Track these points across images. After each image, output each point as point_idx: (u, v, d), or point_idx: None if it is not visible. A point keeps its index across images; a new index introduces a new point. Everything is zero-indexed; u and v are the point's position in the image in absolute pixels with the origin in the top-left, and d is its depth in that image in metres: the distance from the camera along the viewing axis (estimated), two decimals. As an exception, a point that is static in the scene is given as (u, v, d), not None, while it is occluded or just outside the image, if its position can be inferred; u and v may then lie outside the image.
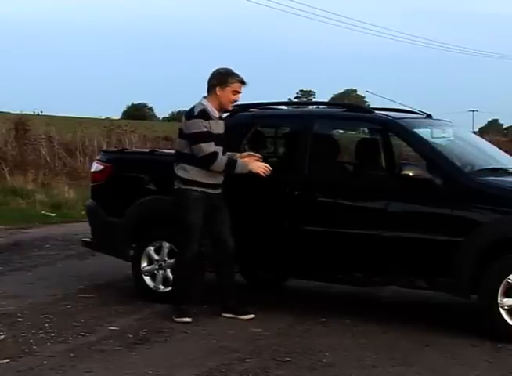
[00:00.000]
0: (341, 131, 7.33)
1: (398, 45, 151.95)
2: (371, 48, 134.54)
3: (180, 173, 6.66)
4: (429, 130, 6.99)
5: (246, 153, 6.83)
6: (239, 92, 6.71)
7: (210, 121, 6.61)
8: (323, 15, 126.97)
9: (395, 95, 7.88)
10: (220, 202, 6.73)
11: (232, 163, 6.60)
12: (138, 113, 62.75)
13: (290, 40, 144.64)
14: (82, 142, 20.54)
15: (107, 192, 7.79)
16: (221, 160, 6.57)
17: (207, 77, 6.74)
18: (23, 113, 22.90)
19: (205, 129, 6.56)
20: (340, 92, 70.96)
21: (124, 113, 63.36)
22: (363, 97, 50.00)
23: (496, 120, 76.35)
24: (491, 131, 53.98)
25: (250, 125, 7.40)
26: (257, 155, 6.77)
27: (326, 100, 13.28)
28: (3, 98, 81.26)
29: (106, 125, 22.99)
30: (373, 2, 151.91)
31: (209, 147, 6.54)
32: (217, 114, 6.70)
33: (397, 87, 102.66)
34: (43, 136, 20.04)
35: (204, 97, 6.71)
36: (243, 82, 6.71)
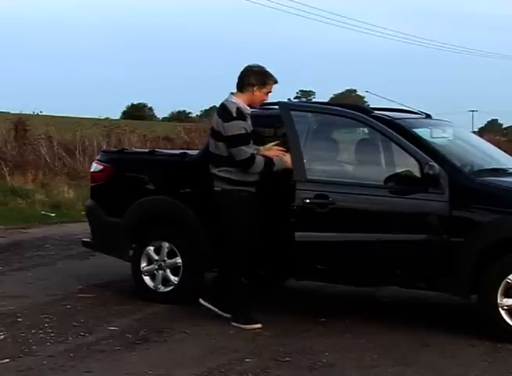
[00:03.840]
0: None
1: (398, 45, 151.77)
2: (371, 48, 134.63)
3: (223, 174, 6.52)
4: (428, 130, 6.99)
5: (269, 145, 6.68)
6: (270, 92, 6.70)
7: (247, 120, 6.54)
8: (323, 14, 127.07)
9: (395, 95, 7.87)
10: (257, 200, 6.62)
11: (269, 163, 6.50)
12: (137, 113, 62.70)
13: (289, 40, 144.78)
14: (82, 142, 20.53)
15: (107, 192, 7.78)
16: (260, 161, 6.47)
17: (240, 74, 6.62)
18: (23, 113, 22.85)
19: (244, 131, 6.46)
20: (340, 92, 70.90)
21: (124, 113, 63.30)
22: (363, 97, 49.96)
23: (496, 120, 76.36)
24: (490, 131, 53.93)
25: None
26: (281, 148, 6.63)
27: (326, 100, 13.20)
28: (3, 98, 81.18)
29: (105, 125, 22.95)
30: (373, 2, 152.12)
31: (248, 150, 6.44)
32: (249, 111, 6.63)
33: (397, 87, 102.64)
34: (43, 136, 20.01)
35: (232, 93, 6.63)
36: (277, 82, 6.71)
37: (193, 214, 7.12)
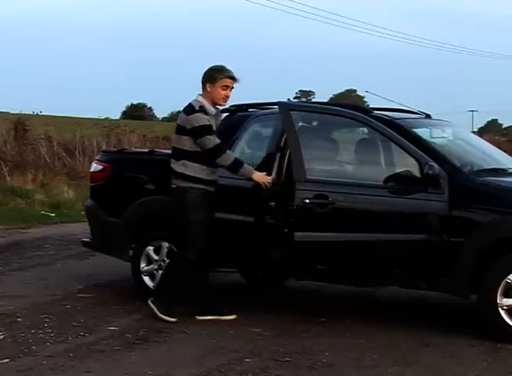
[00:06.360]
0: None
1: (398, 45, 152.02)
2: (371, 48, 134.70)
3: (180, 169, 6.63)
4: (428, 130, 6.99)
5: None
6: (229, 87, 6.69)
7: (209, 117, 6.64)
8: (323, 14, 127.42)
9: (395, 95, 7.87)
10: (213, 200, 6.69)
11: (239, 162, 6.61)
12: (137, 113, 62.71)
13: (289, 40, 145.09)
14: (81, 142, 20.53)
15: (107, 192, 7.78)
16: (230, 153, 6.66)
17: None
18: (23, 113, 22.86)
19: (208, 123, 6.57)
20: (340, 92, 70.88)
21: (124, 113, 63.34)
22: (363, 97, 49.94)
23: (496, 120, 76.39)
24: (490, 131, 53.95)
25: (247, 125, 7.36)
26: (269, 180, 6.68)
27: (326, 100, 13.13)
28: (2, 98, 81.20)
29: (105, 125, 22.95)
30: (373, 2, 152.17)
31: (216, 139, 6.58)
32: (213, 111, 6.70)
33: (397, 87, 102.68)
34: (42, 136, 20.02)
35: (199, 94, 6.72)
36: (232, 78, 6.71)
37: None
